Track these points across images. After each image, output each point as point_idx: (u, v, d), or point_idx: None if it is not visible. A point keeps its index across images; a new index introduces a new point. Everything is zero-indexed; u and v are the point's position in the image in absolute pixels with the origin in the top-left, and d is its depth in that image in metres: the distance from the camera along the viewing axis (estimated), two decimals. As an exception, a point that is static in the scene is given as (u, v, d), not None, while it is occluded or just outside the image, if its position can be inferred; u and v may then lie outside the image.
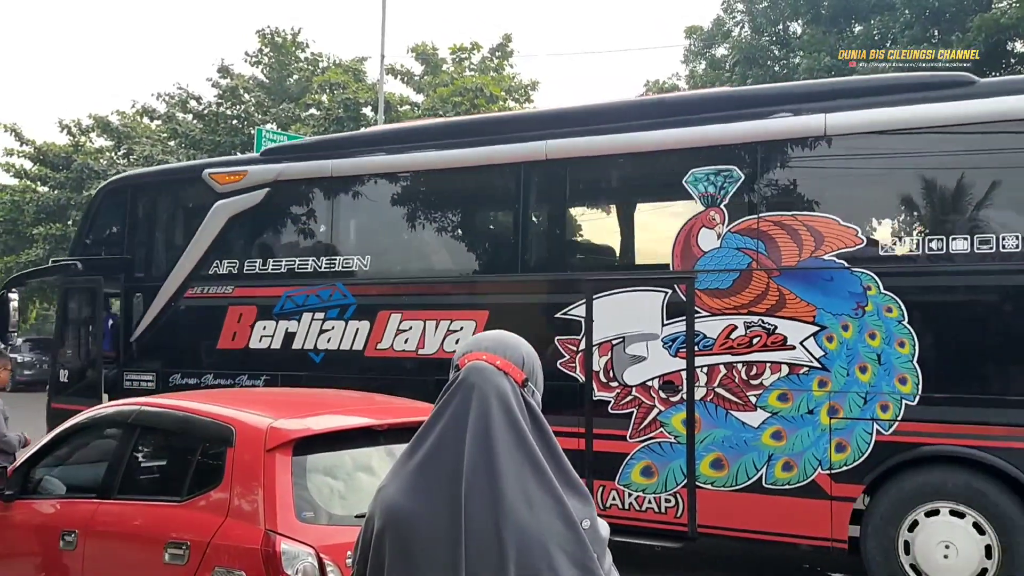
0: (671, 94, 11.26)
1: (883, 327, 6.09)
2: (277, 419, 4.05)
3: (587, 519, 1.72)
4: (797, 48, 17.29)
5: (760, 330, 6.46)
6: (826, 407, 6.19)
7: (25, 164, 28.33)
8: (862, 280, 6.17)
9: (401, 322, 7.85)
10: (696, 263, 6.74)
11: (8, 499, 4.97)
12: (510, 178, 7.73)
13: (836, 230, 6.30)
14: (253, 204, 8.85)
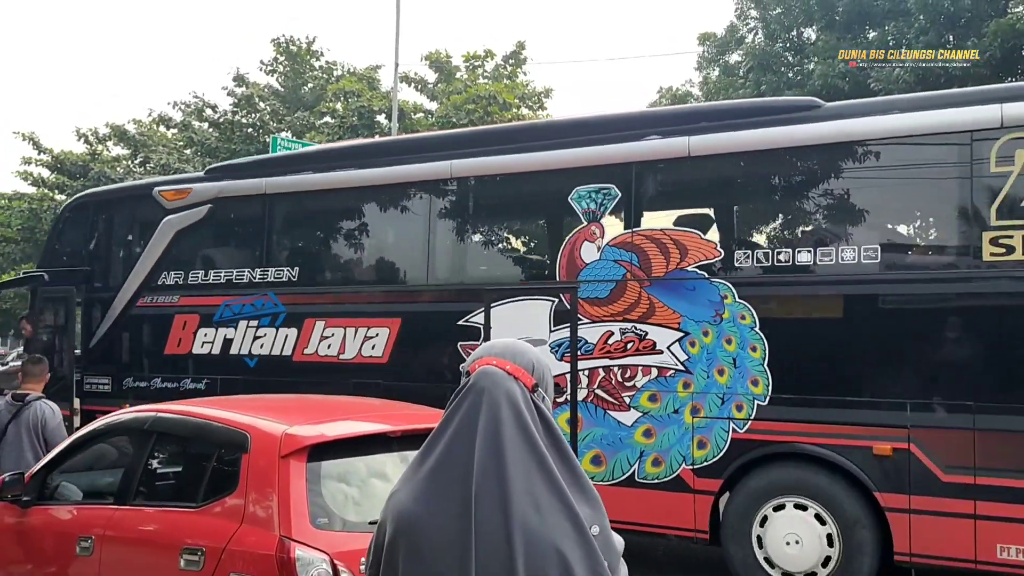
0: (561, 118, 12.13)
1: (738, 333, 6.63)
2: (292, 426, 4.07)
3: (597, 525, 1.72)
4: (811, 54, 17.24)
5: (633, 336, 7.02)
6: (689, 407, 6.73)
7: (43, 172, 28.54)
8: (720, 289, 6.72)
9: (325, 329, 8.45)
10: (579, 274, 7.29)
11: (26, 505, 5.01)
12: (420, 195, 8.33)
13: (698, 243, 6.87)
14: (197, 219, 9.48)
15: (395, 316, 8.16)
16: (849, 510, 6.12)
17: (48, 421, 6.52)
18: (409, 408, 5.17)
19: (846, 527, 6.11)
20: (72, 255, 10.63)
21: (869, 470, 6.06)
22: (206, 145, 26.09)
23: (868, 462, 6.07)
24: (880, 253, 6.33)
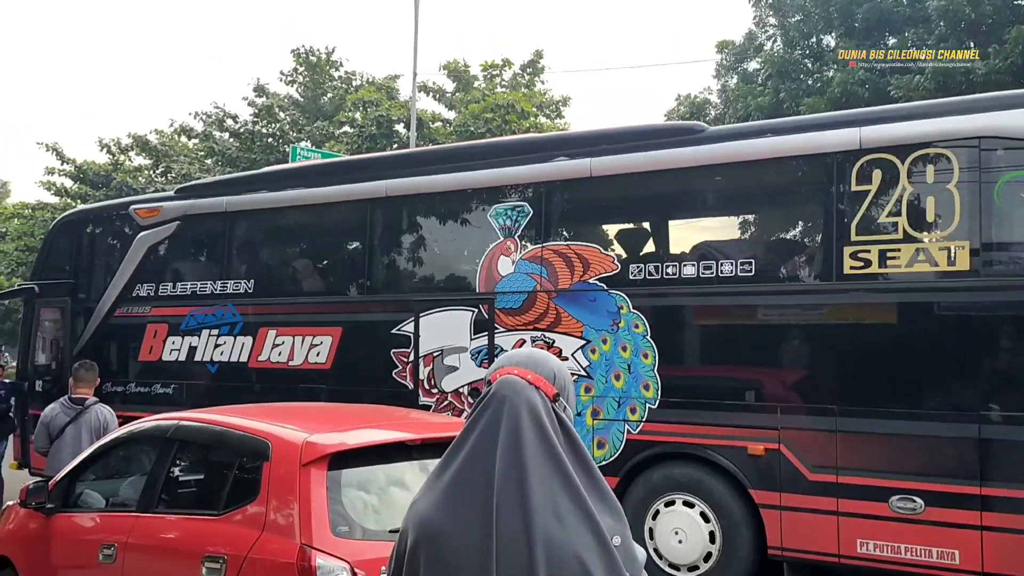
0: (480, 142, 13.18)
1: (632, 341, 7.13)
2: (312, 434, 4.08)
3: (618, 536, 1.72)
4: (831, 61, 17.16)
5: (542, 343, 7.50)
6: (591, 410, 7.22)
7: (66, 182, 28.84)
8: (616, 301, 7.21)
9: (276, 337, 9.11)
10: (496, 286, 7.84)
11: (49, 512, 5.06)
12: (359, 213, 8.95)
13: (598, 257, 7.40)
14: (167, 235, 10.23)
15: (337, 325, 8.76)
16: (729, 507, 6.53)
17: (110, 423, 6.87)
18: (429, 416, 5.20)
19: (726, 523, 6.53)
20: (60, 268, 11.34)
21: (745, 469, 6.48)
22: (227, 155, 26.28)
23: (744, 462, 6.49)
24: (754, 266, 6.76)
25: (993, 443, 5.76)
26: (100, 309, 10.60)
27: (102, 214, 11.64)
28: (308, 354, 8.82)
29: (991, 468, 5.71)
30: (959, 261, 6.01)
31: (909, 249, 6.19)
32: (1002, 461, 5.70)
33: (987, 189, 5.99)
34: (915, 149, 6.23)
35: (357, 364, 8.61)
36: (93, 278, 10.94)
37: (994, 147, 6.05)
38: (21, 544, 5.32)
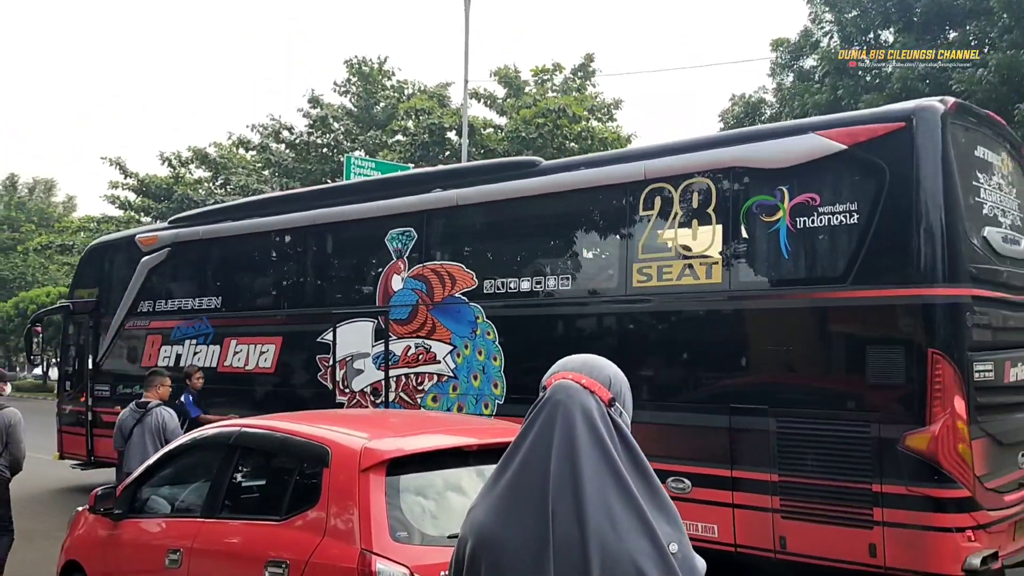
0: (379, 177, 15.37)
1: (486, 346, 8.24)
2: (371, 439, 4.11)
3: (676, 543, 1.69)
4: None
5: (422, 349, 8.71)
6: (456, 406, 8.32)
7: (129, 196, 29.63)
8: (474, 311, 8.34)
9: (236, 345, 10.67)
10: (390, 300, 9.07)
11: (117, 518, 5.17)
12: (294, 238, 10.51)
13: (462, 274, 8.55)
14: (161, 260, 12.00)
15: (278, 335, 10.27)
16: None
17: (167, 424, 7.44)
18: (485, 422, 5.20)
19: None
20: (88, 289, 13.43)
21: None
22: (283, 166, 26.74)
23: None
24: (571, 281, 7.91)
25: (740, 432, 6.52)
26: (115, 323, 12.48)
27: (117, 243, 13.61)
28: (258, 360, 10.36)
29: (738, 453, 6.51)
30: (714, 275, 6.94)
31: (679, 265, 7.14)
32: (746, 447, 6.46)
33: (736, 212, 6.88)
34: (685, 179, 7.16)
35: (293, 368, 10.07)
36: (111, 297, 12.76)
37: (742, 176, 6.90)
38: (90, 549, 5.45)
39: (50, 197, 58.66)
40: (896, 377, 6.05)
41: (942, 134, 6.18)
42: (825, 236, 6.48)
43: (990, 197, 6.67)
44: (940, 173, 6.12)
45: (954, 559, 5.61)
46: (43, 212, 54.29)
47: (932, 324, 6.07)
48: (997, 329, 6.55)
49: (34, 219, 51.82)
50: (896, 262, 6.22)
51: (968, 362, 6.06)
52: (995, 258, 6.53)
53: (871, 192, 6.32)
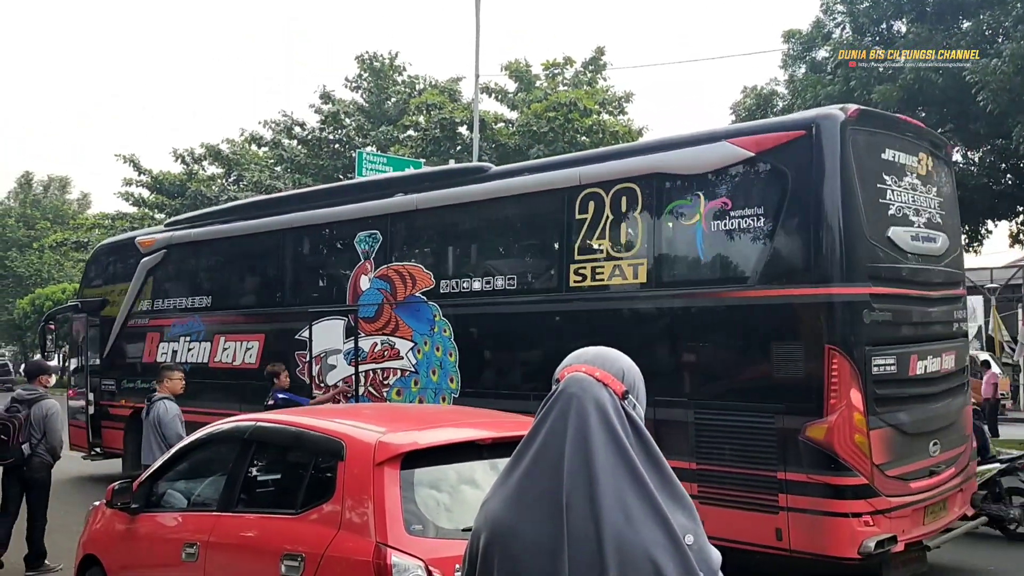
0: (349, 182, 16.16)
1: (443, 343, 8.71)
2: (385, 433, 4.13)
3: (691, 535, 1.69)
4: (902, 47, 16.69)
5: (387, 346, 9.22)
6: (417, 399, 8.86)
7: (143, 193, 29.77)
8: (432, 310, 8.82)
9: (224, 342, 11.29)
10: (359, 299, 9.55)
11: (134, 512, 5.21)
12: (273, 241, 11.02)
13: (421, 274, 9.02)
14: (158, 262, 12.67)
15: (261, 332, 10.88)
16: None
17: (161, 417, 7.48)
18: (499, 416, 5.20)
19: None
20: (95, 289, 14.21)
21: None
22: (295, 161, 26.79)
23: None
24: (516, 281, 8.33)
25: (664, 423, 6.69)
26: (118, 321, 13.20)
27: (120, 245, 14.32)
28: (244, 356, 10.98)
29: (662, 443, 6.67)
30: (640, 275, 7.36)
31: (610, 266, 7.53)
32: (669, 437, 6.64)
33: (658, 216, 7.29)
34: (614, 184, 7.53)
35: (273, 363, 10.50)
36: (115, 296, 13.47)
37: (663, 181, 7.28)
38: (108, 543, 5.49)
39: (64, 195, 58.95)
40: (797, 371, 6.39)
41: (841, 141, 6.45)
42: (736, 238, 6.86)
43: (900, 198, 6.94)
44: (838, 178, 6.42)
45: (851, 543, 5.94)
46: (58, 210, 54.61)
47: (828, 321, 6.40)
48: (901, 325, 6.81)
49: (49, 216, 52.17)
50: (797, 263, 6.60)
51: (866, 356, 6.35)
52: (902, 256, 6.82)
53: (776, 196, 6.70)
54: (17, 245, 49.60)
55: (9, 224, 51.44)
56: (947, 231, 7.52)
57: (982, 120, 15.11)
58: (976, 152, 18.18)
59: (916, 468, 6.59)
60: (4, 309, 48.23)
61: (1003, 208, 18.43)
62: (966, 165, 18.68)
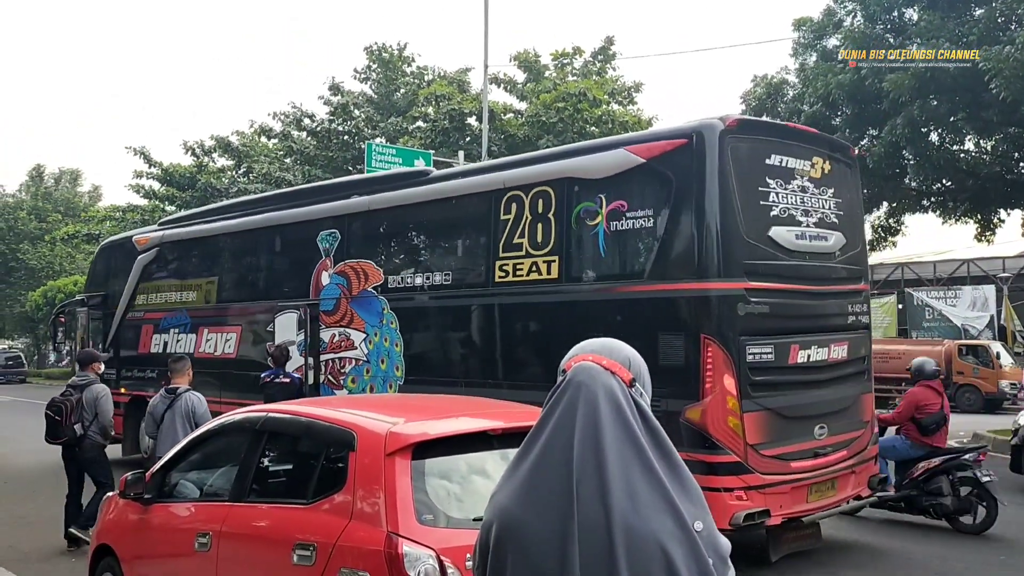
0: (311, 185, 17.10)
1: (390, 334, 9.50)
2: (396, 424, 4.14)
3: (700, 522, 1.69)
4: (914, 36, 16.57)
5: (344, 337, 10.02)
6: (369, 386, 9.62)
7: (154, 185, 29.84)
8: (382, 304, 9.60)
9: (207, 334, 12.29)
10: (320, 293, 10.41)
11: (147, 502, 5.25)
12: (247, 239, 12.18)
13: (372, 270, 9.81)
14: (152, 259, 13.72)
15: (237, 325, 11.85)
16: None
17: (196, 407, 7.76)
18: (510, 406, 5.20)
19: None
20: (98, 284, 15.26)
21: None
22: (305, 153, 26.80)
23: None
24: (451, 276, 9.06)
25: None
26: (118, 314, 14.20)
27: (121, 243, 15.28)
28: (224, 347, 11.91)
29: None
30: (552, 271, 7.99)
31: (528, 262, 8.18)
32: None
33: (568, 216, 7.92)
34: (533, 187, 8.21)
35: (247, 353, 11.47)
36: (116, 291, 14.41)
37: (573, 185, 7.94)
38: (121, 533, 5.53)
39: (76, 187, 59.16)
40: (679, 359, 7.01)
41: (719, 148, 7.05)
42: (631, 237, 7.55)
43: (785, 200, 7.48)
44: (716, 182, 7.03)
45: (722, 515, 6.30)
46: (69, 202, 54.80)
47: (705, 313, 7.05)
48: (779, 317, 7.28)
49: (60, 209, 52.35)
50: (680, 260, 7.22)
51: (740, 345, 6.92)
52: (784, 254, 7.37)
53: (662, 199, 7.36)
54: (29, 238, 49.83)
55: (21, 217, 51.66)
56: (844, 230, 8.02)
57: (995, 108, 15.00)
58: (989, 140, 18.06)
59: (797, 449, 7.07)
60: (17, 301, 48.49)
61: (1016, 197, 18.32)
62: (978, 153, 18.56)
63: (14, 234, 50.74)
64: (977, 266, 31.99)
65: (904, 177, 18.43)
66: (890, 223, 20.76)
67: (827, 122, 18.28)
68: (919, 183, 18.89)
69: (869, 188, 19.15)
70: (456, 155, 21.09)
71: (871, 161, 16.81)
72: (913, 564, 7.75)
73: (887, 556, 8.00)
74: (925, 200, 19.79)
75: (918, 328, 31.74)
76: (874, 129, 17.65)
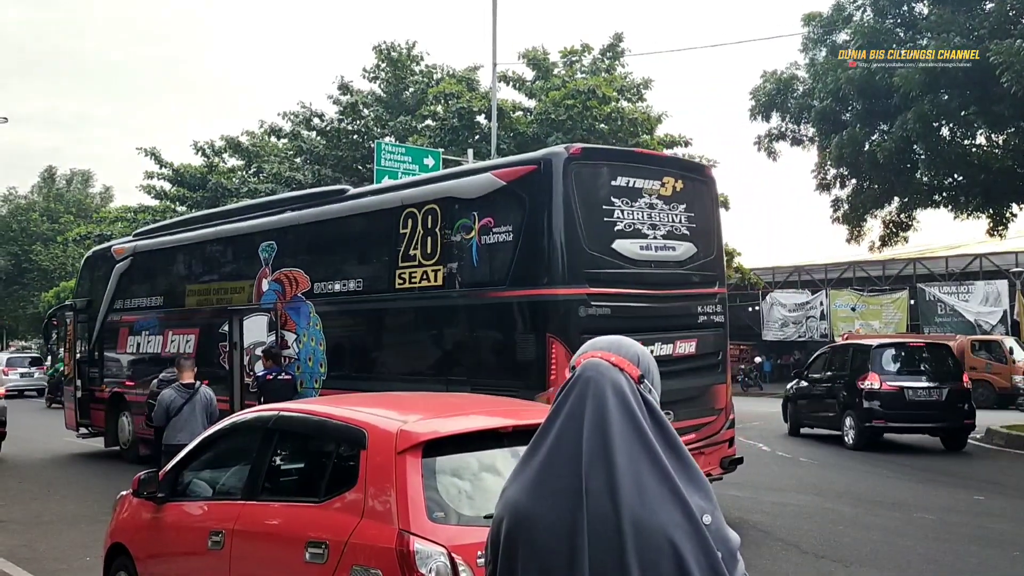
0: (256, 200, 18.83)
1: (316, 335, 10.88)
2: (407, 422, 4.15)
3: (708, 515, 1.70)
4: (924, 30, 16.48)
5: (281, 338, 11.35)
6: (300, 382, 10.72)
7: (165, 186, 29.93)
8: (310, 308, 11.00)
9: (172, 336, 13.82)
10: (261, 300, 11.87)
11: (160, 501, 5.28)
12: (203, 250, 13.70)
13: (302, 278, 11.19)
14: (127, 267, 15.24)
15: (197, 326, 13.25)
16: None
17: (212, 401, 8.95)
18: (519, 403, 5.21)
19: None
20: (85, 291, 16.86)
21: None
22: (314, 153, 26.83)
23: None
24: (363, 283, 10.40)
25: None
26: (99, 318, 15.64)
27: (103, 253, 16.69)
28: (185, 347, 13.19)
29: None
30: (438, 279, 9.17)
31: (420, 271, 9.38)
32: None
33: (450, 231, 9.08)
34: (424, 205, 9.45)
35: (206, 354, 12.49)
36: (99, 297, 15.82)
37: (454, 204, 9.14)
38: (135, 531, 5.57)
39: (87, 188, 59.44)
40: (531, 355, 8.20)
41: (564, 173, 8.19)
42: (497, 250, 8.64)
43: (631, 215, 8.58)
44: (561, 202, 8.15)
45: None
46: (81, 203, 55.06)
47: (550, 315, 8.23)
48: (622, 317, 8.30)
49: (72, 210, 52.61)
50: (531, 269, 8.36)
51: (581, 343, 7.18)
52: (627, 263, 8.49)
53: (519, 217, 8.52)
54: (41, 239, 50.12)
55: (33, 218, 51.96)
56: (696, 240, 9.15)
57: (1006, 102, 14.90)
58: (1000, 135, 17.93)
59: None
60: (29, 303, 48.78)
61: (1028, 191, 18.18)
62: (990, 148, 18.44)
63: (27, 235, 51.05)
64: (989, 261, 31.78)
65: (915, 172, 18.32)
66: (901, 218, 20.65)
67: (837, 117, 18.22)
68: (930, 178, 18.77)
69: (880, 183, 19.09)
70: (465, 153, 21.09)
71: (882, 156, 16.74)
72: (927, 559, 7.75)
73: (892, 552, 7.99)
74: (936, 195, 19.66)
75: (930, 324, 31.58)
76: (885, 124, 17.56)
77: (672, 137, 23.56)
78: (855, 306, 33.88)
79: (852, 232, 20.95)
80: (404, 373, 9.54)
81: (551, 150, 8.65)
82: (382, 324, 10.28)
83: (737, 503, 9.95)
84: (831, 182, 20.80)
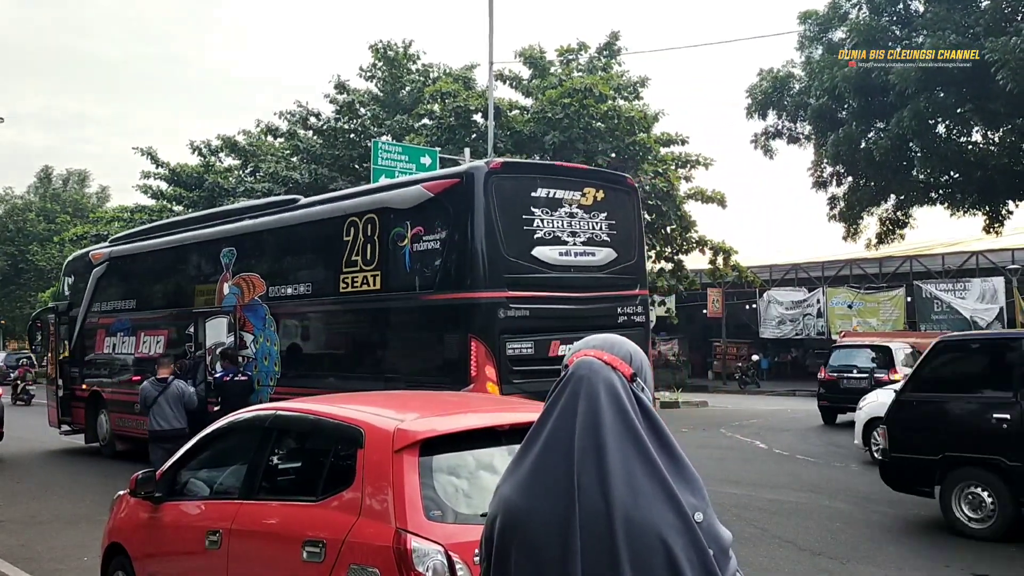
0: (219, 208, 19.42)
1: (272, 336, 11.57)
2: (404, 421, 4.16)
3: (700, 513, 1.70)
4: (920, 27, 16.51)
5: (240, 339, 11.99)
6: (257, 380, 11.56)
7: (161, 185, 29.90)
8: (265, 310, 11.73)
9: (144, 337, 14.55)
10: (222, 302, 12.59)
11: (158, 501, 5.28)
12: (170, 256, 14.42)
13: (258, 283, 11.93)
14: (104, 272, 15.98)
15: (167, 328, 14.07)
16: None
17: (184, 391, 10.34)
18: (516, 402, 5.22)
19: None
20: (66, 294, 17.56)
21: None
22: (311, 152, 26.80)
23: None
24: (311, 287, 11.16)
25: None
26: (79, 320, 16.42)
27: (83, 257, 17.35)
28: (155, 348, 13.96)
29: None
30: (376, 283, 9.88)
31: (361, 275, 10.01)
32: None
33: (386, 239, 9.76)
34: (364, 214, 10.14)
35: (172, 353, 12.83)
36: (79, 300, 16.56)
37: (389, 213, 9.86)
38: (133, 531, 5.57)
39: (84, 188, 59.35)
40: (455, 353, 8.80)
41: (484, 186, 8.83)
42: (427, 256, 9.28)
43: (551, 224, 9.27)
44: (481, 212, 8.80)
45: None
46: (77, 203, 54.98)
47: (471, 317, 8.84)
48: (540, 318, 9.02)
49: (69, 210, 52.52)
50: (455, 274, 9.01)
51: (501, 343, 8.69)
52: (546, 268, 9.16)
53: (445, 227, 9.12)
54: (38, 239, 50.04)
55: (30, 219, 51.88)
56: (617, 246, 9.82)
57: (1002, 99, 14.95)
58: (996, 132, 17.97)
59: None
60: (26, 303, 48.71)
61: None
62: (986, 145, 18.48)
63: (23, 235, 50.96)
64: (986, 258, 31.81)
65: (911, 169, 18.35)
66: (898, 216, 20.70)
67: (833, 115, 18.25)
68: (927, 175, 18.82)
69: (876, 181, 19.12)
70: (462, 152, 21.08)
71: (878, 154, 16.77)
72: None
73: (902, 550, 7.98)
74: (933, 192, 19.71)
75: (927, 321, 31.62)
76: (881, 121, 17.60)
77: (669, 135, 23.55)
78: (852, 303, 33.94)
79: (849, 230, 21.00)
80: (348, 371, 10.24)
81: (473, 164, 9.46)
82: (329, 325, 11.16)
83: (734, 500, 9.98)
84: (827, 180, 20.87)
